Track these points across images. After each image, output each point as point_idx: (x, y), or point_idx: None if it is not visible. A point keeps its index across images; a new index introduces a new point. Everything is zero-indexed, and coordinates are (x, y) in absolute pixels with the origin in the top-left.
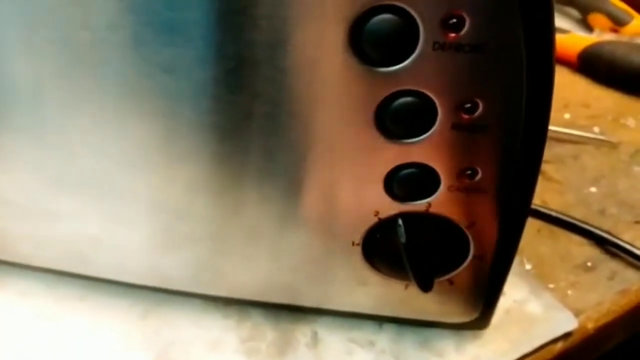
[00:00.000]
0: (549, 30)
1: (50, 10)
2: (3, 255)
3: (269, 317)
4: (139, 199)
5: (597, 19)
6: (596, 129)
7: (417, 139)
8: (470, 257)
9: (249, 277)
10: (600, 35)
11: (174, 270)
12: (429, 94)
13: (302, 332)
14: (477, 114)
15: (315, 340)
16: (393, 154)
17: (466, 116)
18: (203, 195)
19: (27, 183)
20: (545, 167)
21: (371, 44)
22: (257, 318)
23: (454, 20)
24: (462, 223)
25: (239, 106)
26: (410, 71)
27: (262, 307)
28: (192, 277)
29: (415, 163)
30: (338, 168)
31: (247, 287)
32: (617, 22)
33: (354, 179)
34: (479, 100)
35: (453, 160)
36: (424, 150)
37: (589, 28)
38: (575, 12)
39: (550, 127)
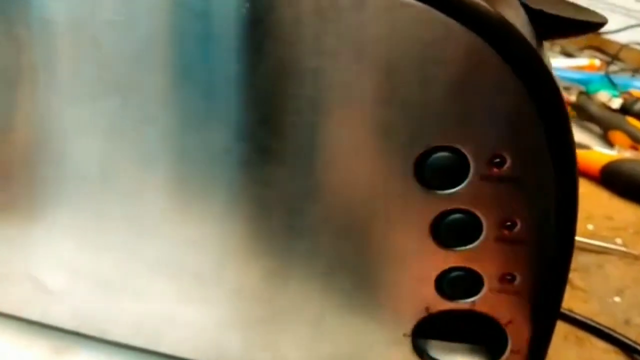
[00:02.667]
0: (573, 169)
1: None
2: (77, 327)
3: None
4: (214, 283)
5: (617, 136)
6: (619, 241)
7: (465, 247)
8: (508, 351)
9: (300, 357)
10: (621, 152)
11: (234, 346)
12: (476, 212)
13: None
14: (515, 230)
15: None
16: (445, 259)
17: (506, 232)
18: (265, 283)
19: (110, 259)
20: (570, 275)
21: (432, 174)
22: None
23: (498, 159)
24: (502, 320)
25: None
26: (461, 195)
27: None
28: (247, 354)
29: (464, 267)
30: (397, 269)
31: None
32: (636, 140)
33: (409, 279)
34: (517, 220)
35: (495, 267)
36: (471, 257)
37: (609, 143)
38: (596, 128)
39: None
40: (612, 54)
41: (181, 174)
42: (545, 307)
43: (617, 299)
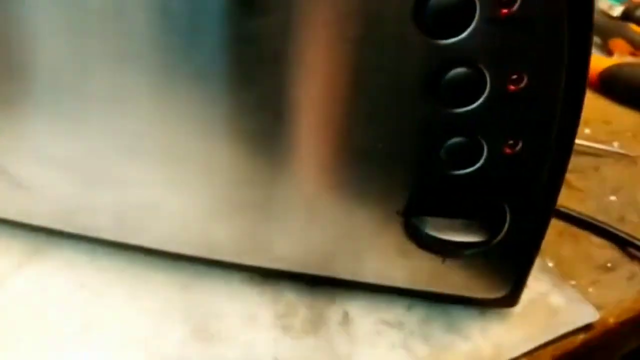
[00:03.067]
0: (590, 8)
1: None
2: (57, 224)
3: (302, 295)
4: (196, 166)
5: (617, 43)
6: (616, 144)
7: (467, 108)
8: (505, 230)
9: (290, 247)
10: (620, 58)
11: (221, 239)
12: (480, 65)
13: (334, 311)
14: (522, 85)
15: (346, 319)
16: (444, 122)
17: (512, 87)
18: (255, 165)
19: (91, 147)
20: (567, 176)
21: (433, 16)
22: (290, 296)
23: None
24: (500, 194)
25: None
26: (465, 43)
27: (296, 285)
28: (237, 246)
29: (464, 132)
30: (391, 134)
31: (287, 258)
32: (636, 47)
33: (403, 145)
34: (524, 73)
35: (498, 130)
36: (474, 118)
37: (609, 53)
38: (597, 39)
39: None
40: None
41: (164, 49)
42: (549, 175)
43: (612, 197)
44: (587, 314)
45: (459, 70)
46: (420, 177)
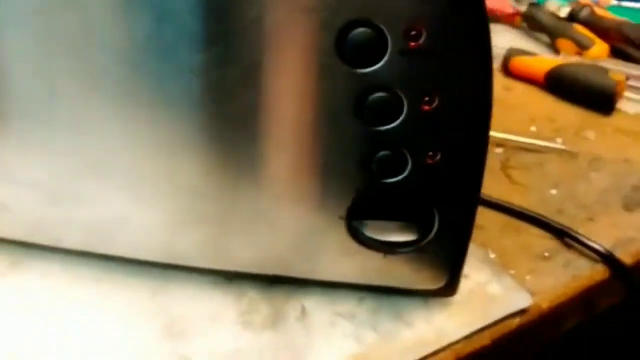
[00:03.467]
0: (486, 42)
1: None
2: (32, 237)
3: (263, 293)
4: (160, 183)
5: (563, 43)
6: (559, 140)
7: (389, 126)
8: (435, 229)
9: (249, 251)
10: (566, 58)
11: (185, 247)
12: (397, 90)
13: (292, 306)
14: (434, 105)
15: (303, 313)
16: (370, 139)
17: (427, 108)
18: (212, 180)
19: (60, 168)
20: (511, 172)
21: (352, 50)
22: (252, 295)
23: (413, 32)
24: (428, 198)
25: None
26: (382, 72)
27: (258, 284)
28: (200, 253)
29: (389, 146)
30: (325, 151)
31: (247, 261)
32: (581, 47)
33: (338, 160)
34: (436, 95)
35: (417, 144)
36: (395, 135)
37: (556, 52)
38: (545, 37)
39: (517, 138)
40: None
41: (128, 73)
42: (467, 181)
43: (553, 191)
44: (521, 300)
45: (379, 94)
46: (358, 186)
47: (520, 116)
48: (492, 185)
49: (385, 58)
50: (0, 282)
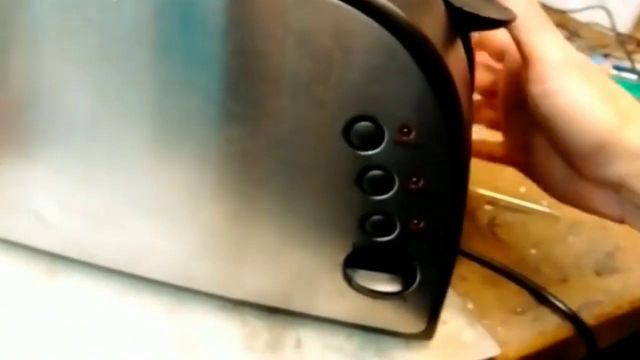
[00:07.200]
0: (465, 142)
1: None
2: (67, 252)
3: (264, 321)
4: (183, 220)
5: None
6: (544, 203)
7: (382, 197)
8: (417, 282)
9: (255, 283)
10: None
11: (200, 274)
12: (390, 170)
13: (290, 335)
14: (420, 184)
15: (299, 343)
16: (366, 205)
17: (414, 186)
18: (228, 222)
19: (97, 197)
20: (497, 229)
21: (356, 138)
22: (255, 321)
23: (406, 129)
24: (412, 255)
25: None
26: (379, 155)
27: (260, 312)
28: (212, 280)
29: (381, 212)
30: (330, 212)
31: (252, 291)
32: None
33: (340, 219)
34: (422, 176)
35: (405, 213)
36: (387, 204)
37: None
38: None
39: (506, 198)
40: (572, 31)
41: (160, 128)
42: (446, 245)
43: (533, 251)
44: (490, 349)
45: (376, 172)
46: (354, 241)
47: (512, 177)
48: (479, 241)
49: (382, 145)
50: (36, 289)
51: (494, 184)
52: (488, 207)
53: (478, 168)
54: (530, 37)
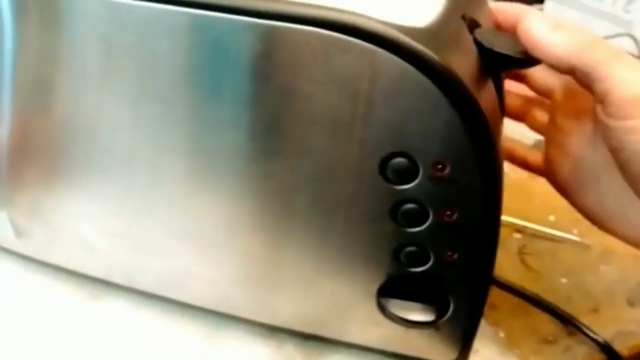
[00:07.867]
0: (498, 177)
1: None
2: (110, 277)
3: (298, 347)
4: (221, 248)
5: None
6: (575, 231)
7: (416, 229)
8: (450, 312)
9: (290, 310)
10: None
11: (237, 300)
12: (424, 203)
13: None
14: (454, 218)
15: None
16: (400, 237)
17: (447, 219)
18: (264, 250)
19: (137, 225)
20: (527, 258)
21: (392, 173)
22: (289, 347)
23: (440, 165)
24: (445, 286)
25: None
26: (413, 190)
27: (294, 338)
28: (249, 307)
29: (415, 244)
30: (366, 244)
31: (288, 318)
32: None
33: (375, 250)
34: (455, 210)
35: (438, 244)
36: (421, 236)
37: None
38: None
39: (535, 226)
40: None
41: (201, 163)
42: (479, 276)
43: (563, 280)
44: None
45: (410, 205)
46: (388, 271)
47: (541, 205)
48: (508, 269)
49: (417, 181)
50: (80, 313)
51: (523, 213)
52: (517, 235)
53: (507, 195)
54: (603, 70)
